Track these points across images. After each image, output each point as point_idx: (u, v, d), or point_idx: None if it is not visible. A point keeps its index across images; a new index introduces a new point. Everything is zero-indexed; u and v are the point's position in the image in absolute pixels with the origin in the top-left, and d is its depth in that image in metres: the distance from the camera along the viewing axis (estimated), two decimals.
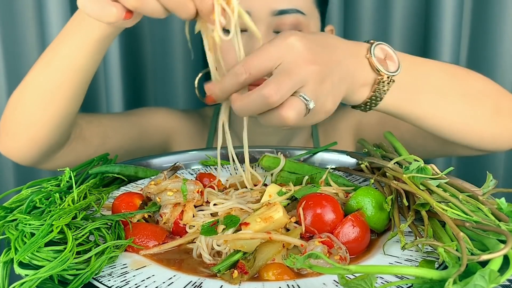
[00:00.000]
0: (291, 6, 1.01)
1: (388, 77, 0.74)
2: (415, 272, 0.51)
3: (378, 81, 0.74)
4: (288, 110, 0.65)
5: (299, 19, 1.02)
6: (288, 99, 0.65)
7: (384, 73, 0.74)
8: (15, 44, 1.36)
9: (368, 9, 1.43)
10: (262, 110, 0.66)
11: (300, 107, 0.66)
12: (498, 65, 1.37)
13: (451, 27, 1.31)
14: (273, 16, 1.00)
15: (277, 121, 0.66)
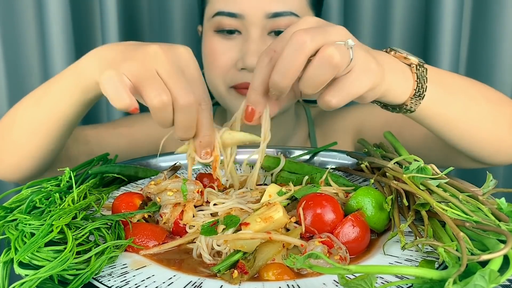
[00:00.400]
0: (285, 9, 1.01)
1: (418, 63, 0.74)
2: (415, 272, 0.51)
3: (413, 70, 0.73)
4: (329, 46, 0.61)
5: (294, 21, 1.01)
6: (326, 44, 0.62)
7: (414, 59, 0.74)
8: (15, 44, 1.36)
9: (368, 9, 1.43)
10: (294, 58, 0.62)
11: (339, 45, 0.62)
12: (498, 65, 1.37)
13: (451, 27, 1.31)
14: (267, 19, 1.00)
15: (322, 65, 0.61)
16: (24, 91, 1.39)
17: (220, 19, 1.02)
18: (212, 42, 1.05)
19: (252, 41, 1.00)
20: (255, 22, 1.00)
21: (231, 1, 1.01)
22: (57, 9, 1.27)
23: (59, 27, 1.28)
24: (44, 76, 1.38)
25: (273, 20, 1.00)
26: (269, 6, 1.00)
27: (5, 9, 1.34)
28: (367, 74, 0.65)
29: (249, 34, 1.01)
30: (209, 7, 1.06)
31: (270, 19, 1.00)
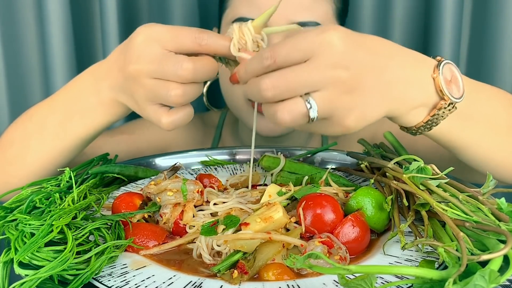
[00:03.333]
0: (311, 19, 0.98)
1: (451, 103, 0.65)
2: (415, 272, 0.51)
3: (440, 106, 0.65)
4: (283, 111, 0.59)
5: None
6: (291, 99, 0.59)
7: (449, 97, 0.65)
8: (15, 44, 1.36)
9: (368, 9, 1.43)
10: (259, 101, 0.62)
11: (298, 112, 0.59)
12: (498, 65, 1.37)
13: (451, 27, 1.31)
14: None
15: (271, 117, 0.61)
16: (24, 91, 1.39)
17: None
18: None
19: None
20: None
21: (254, 8, 0.98)
22: (57, 9, 1.27)
23: (59, 27, 1.28)
24: (44, 76, 1.37)
25: None
26: (294, 15, 0.97)
27: (5, 9, 1.34)
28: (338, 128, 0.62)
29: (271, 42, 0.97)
30: (229, 11, 1.03)
31: None
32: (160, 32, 0.67)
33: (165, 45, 0.66)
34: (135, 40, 0.68)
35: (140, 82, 0.67)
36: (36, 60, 1.39)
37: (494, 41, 1.36)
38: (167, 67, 0.65)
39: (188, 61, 0.65)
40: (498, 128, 0.77)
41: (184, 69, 0.65)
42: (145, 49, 0.67)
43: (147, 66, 0.66)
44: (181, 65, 0.65)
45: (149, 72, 0.66)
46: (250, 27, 0.68)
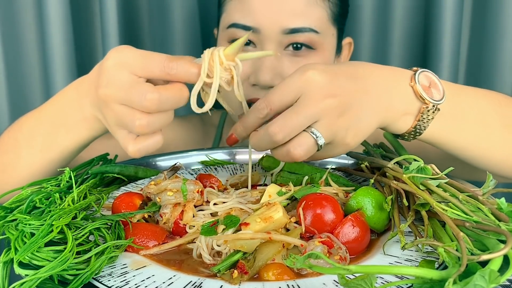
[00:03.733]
0: (304, 25, 0.97)
1: (433, 105, 0.71)
2: (415, 272, 0.51)
3: (423, 110, 0.71)
4: (295, 146, 0.65)
5: (312, 38, 0.98)
6: (298, 135, 0.65)
7: (430, 101, 0.70)
8: (15, 44, 1.36)
9: (368, 9, 1.43)
10: (271, 147, 0.67)
11: (308, 143, 0.65)
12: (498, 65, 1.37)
13: (451, 27, 1.31)
14: (284, 35, 0.97)
15: (286, 157, 0.67)
16: (24, 91, 1.39)
17: (234, 31, 1.00)
18: None
19: (267, 57, 0.97)
20: (271, 37, 0.97)
21: (247, 14, 0.98)
22: (57, 9, 1.27)
23: (59, 27, 1.28)
24: (44, 76, 1.37)
25: (290, 36, 0.97)
26: (287, 22, 0.97)
27: (5, 9, 1.34)
28: (340, 148, 0.70)
29: (264, 49, 0.98)
30: (224, 16, 1.03)
31: (287, 35, 0.97)
32: (130, 57, 0.66)
33: (134, 71, 0.65)
34: (105, 64, 0.67)
35: (109, 106, 0.67)
36: (36, 60, 1.39)
37: (494, 41, 1.36)
38: (133, 96, 0.64)
39: (153, 91, 0.63)
40: (491, 127, 0.79)
41: (148, 100, 0.63)
42: (114, 74, 0.66)
43: (115, 92, 0.66)
44: (145, 96, 0.63)
45: (117, 99, 0.66)
46: (221, 55, 0.66)
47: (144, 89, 0.64)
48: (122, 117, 0.66)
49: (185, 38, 1.42)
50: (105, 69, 0.67)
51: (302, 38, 0.98)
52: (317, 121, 0.65)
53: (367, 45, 1.45)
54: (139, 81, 0.65)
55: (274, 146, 0.67)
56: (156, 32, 1.44)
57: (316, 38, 0.99)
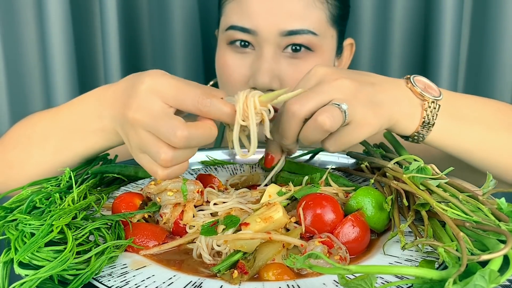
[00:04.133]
0: (302, 27, 0.97)
1: (433, 101, 0.74)
2: (415, 272, 0.51)
3: (425, 106, 0.74)
4: (321, 114, 0.67)
5: (311, 39, 0.98)
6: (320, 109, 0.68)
7: (428, 97, 0.74)
8: (15, 44, 1.36)
9: (368, 9, 1.43)
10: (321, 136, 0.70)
11: (332, 109, 0.67)
12: (498, 65, 1.37)
13: (451, 27, 1.31)
14: (282, 37, 0.97)
15: (314, 129, 0.68)
16: (24, 91, 1.39)
17: (233, 33, 1.00)
18: (225, 55, 1.03)
19: (265, 59, 0.97)
20: (268, 39, 0.97)
21: (245, 16, 0.98)
22: (57, 9, 1.27)
23: (59, 27, 1.28)
24: (44, 76, 1.37)
25: (288, 38, 0.97)
26: (285, 24, 0.97)
27: (5, 9, 1.34)
28: (364, 127, 0.71)
29: (262, 51, 0.98)
30: (223, 18, 1.04)
31: (285, 37, 0.97)
32: (165, 86, 0.65)
33: (167, 101, 0.65)
34: (139, 87, 0.66)
35: (135, 130, 0.66)
36: (36, 60, 1.39)
37: (494, 41, 1.36)
38: (162, 128, 0.64)
39: (183, 129, 0.63)
40: (495, 130, 0.81)
41: (177, 137, 0.63)
42: (145, 100, 0.65)
43: (144, 118, 0.65)
44: (175, 132, 0.63)
45: (145, 125, 0.65)
46: (257, 101, 0.67)
47: (174, 125, 0.63)
48: (147, 145, 0.65)
49: (185, 38, 1.42)
50: (138, 93, 0.66)
51: (300, 40, 0.98)
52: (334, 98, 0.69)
53: (367, 45, 1.45)
54: (169, 112, 0.65)
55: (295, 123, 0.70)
56: (156, 32, 1.44)
57: (314, 40, 0.99)
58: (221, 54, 1.05)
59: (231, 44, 1.02)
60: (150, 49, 1.47)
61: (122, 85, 0.73)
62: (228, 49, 1.03)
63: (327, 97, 0.68)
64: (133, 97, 0.66)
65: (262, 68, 0.97)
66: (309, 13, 0.98)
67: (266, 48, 0.98)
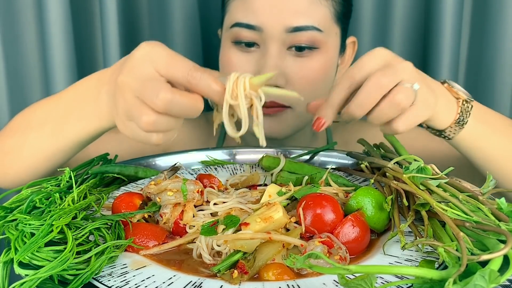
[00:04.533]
0: (307, 23, 0.97)
1: (467, 100, 0.80)
2: (415, 272, 0.51)
3: (459, 104, 0.80)
4: (398, 93, 0.69)
5: (316, 36, 0.98)
6: (396, 87, 0.70)
7: (463, 95, 0.80)
8: (15, 44, 1.36)
9: (368, 9, 1.43)
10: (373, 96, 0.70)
11: (407, 89, 0.70)
12: (498, 65, 1.37)
13: (451, 27, 1.31)
14: (287, 33, 0.97)
15: (390, 107, 0.70)
16: (24, 91, 1.39)
17: (238, 31, 0.99)
18: (230, 53, 1.02)
19: (270, 56, 0.97)
20: (274, 36, 0.97)
21: (250, 13, 0.98)
22: (57, 9, 1.27)
23: (59, 27, 1.28)
24: (44, 76, 1.37)
25: (293, 34, 0.97)
26: (290, 20, 0.97)
27: (5, 9, 1.34)
28: (427, 108, 0.74)
29: (267, 49, 0.98)
30: (228, 16, 1.03)
31: (290, 34, 0.97)
32: (159, 54, 0.65)
33: (158, 68, 0.65)
34: (134, 53, 0.67)
35: (123, 94, 0.66)
36: (36, 60, 1.39)
37: (494, 41, 1.36)
38: (147, 90, 0.63)
39: (167, 92, 0.62)
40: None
41: (159, 98, 0.62)
42: (138, 65, 0.65)
43: (132, 81, 0.65)
44: (158, 93, 0.62)
45: (133, 88, 0.65)
46: (247, 82, 0.65)
47: (159, 87, 0.63)
48: (132, 108, 0.65)
49: (185, 38, 1.42)
50: (132, 58, 0.66)
51: (305, 36, 0.98)
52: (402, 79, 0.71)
53: (368, 44, 1.44)
54: (158, 78, 0.64)
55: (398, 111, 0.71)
56: (156, 32, 1.44)
57: (319, 37, 0.99)
58: (225, 52, 1.04)
59: (236, 43, 1.02)
60: None
61: (120, 61, 0.73)
62: (232, 47, 1.02)
63: (399, 77, 0.70)
64: (127, 62, 0.67)
65: (268, 64, 0.97)
66: (314, 9, 0.99)
67: (272, 45, 0.98)
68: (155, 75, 0.64)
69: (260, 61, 0.99)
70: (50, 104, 0.86)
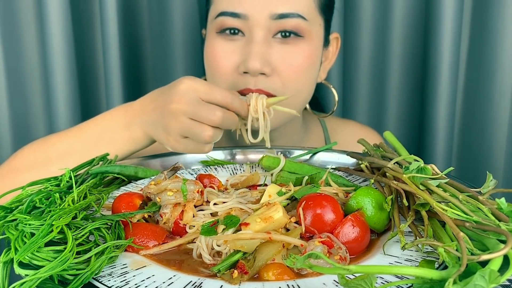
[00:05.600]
0: (292, 10, 0.98)
1: None
2: (415, 272, 0.51)
3: None
4: None
5: (300, 24, 0.99)
6: None
7: None
8: (15, 44, 1.36)
9: (368, 9, 1.43)
10: None
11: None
12: (498, 65, 1.37)
13: (451, 27, 1.31)
14: (272, 20, 0.97)
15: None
16: (24, 91, 1.39)
17: (223, 20, 1.00)
18: (214, 43, 1.02)
19: (255, 43, 0.97)
20: (259, 23, 0.97)
21: (235, 1, 0.99)
22: (57, 9, 1.27)
23: (59, 27, 1.28)
24: (44, 76, 1.37)
25: (278, 21, 0.98)
26: (275, 7, 0.97)
27: (5, 9, 1.34)
28: None
29: (253, 36, 0.98)
30: (212, 8, 1.04)
31: (275, 21, 0.97)
32: (199, 84, 0.85)
33: (201, 96, 0.83)
34: (179, 86, 0.84)
35: (177, 118, 0.83)
36: (36, 60, 1.39)
37: (494, 42, 1.36)
38: (202, 112, 0.82)
39: (220, 110, 0.83)
40: None
41: (216, 116, 0.82)
42: (185, 94, 0.83)
43: (186, 107, 0.83)
44: (214, 112, 0.82)
45: (187, 112, 0.82)
46: (264, 101, 0.91)
47: (213, 107, 0.83)
48: (190, 128, 0.83)
49: (185, 38, 1.42)
50: (178, 90, 0.84)
51: (290, 24, 0.98)
52: None
53: (367, 44, 1.45)
54: (204, 102, 0.83)
55: None
56: (156, 32, 1.44)
57: (304, 25, 1.00)
58: (209, 43, 1.04)
59: (220, 33, 1.02)
60: (150, 48, 1.47)
61: (151, 95, 0.90)
62: (217, 38, 1.02)
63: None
64: (174, 93, 0.84)
65: (253, 52, 0.97)
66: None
67: (257, 32, 0.98)
68: (200, 100, 0.83)
69: (246, 48, 0.98)
70: (73, 137, 0.94)
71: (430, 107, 1.39)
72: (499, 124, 1.40)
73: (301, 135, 1.18)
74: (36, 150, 0.94)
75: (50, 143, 0.94)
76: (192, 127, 0.83)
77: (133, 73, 1.45)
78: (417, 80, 1.45)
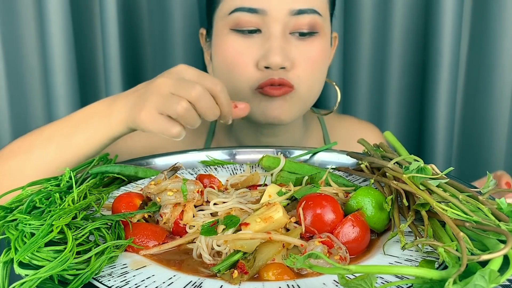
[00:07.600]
0: (309, 6, 0.99)
1: None
2: (415, 272, 0.51)
3: None
4: None
5: (316, 19, 1.00)
6: None
7: None
8: (15, 44, 1.36)
9: (368, 9, 1.43)
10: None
11: None
12: (498, 65, 1.37)
13: (451, 27, 1.31)
14: (290, 16, 0.98)
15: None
16: (24, 91, 1.39)
17: (239, 16, 0.98)
18: (228, 41, 1.00)
19: (276, 38, 0.97)
20: (278, 19, 0.97)
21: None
22: (57, 9, 1.27)
23: (59, 27, 1.28)
24: (44, 76, 1.37)
25: (296, 17, 0.98)
26: (293, 3, 0.98)
27: (5, 9, 1.34)
28: None
29: (271, 32, 0.98)
30: (224, 4, 1.02)
31: (293, 17, 0.98)
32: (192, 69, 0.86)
33: (192, 78, 0.85)
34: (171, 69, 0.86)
35: (160, 91, 0.82)
36: (36, 60, 1.39)
37: (494, 42, 1.36)
38: (183, 84, 0.82)
39: (200, 86, 0.82)
40: None
41: (195, 89, 0.81)
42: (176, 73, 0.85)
43: (170, 80, 0.83)
44: (194, 85, 0.81)
45: (169, 86, 0.82)
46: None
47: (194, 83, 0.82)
48: (167, 100, 0.81)
49: (185, 38, 1.42)
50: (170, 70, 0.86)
51: (307, 19, 0.99)
52: None
53: (367, 44, 1.45)
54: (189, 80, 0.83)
55: None
56: (156, 32, 1.44)
57: (319, 20, 1.01)
58: (223, 41, 1.02)
59: (235, 30, 1.00)
60: (150, 48, 1.47)
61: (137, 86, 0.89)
62: (232, 35, 1.00)
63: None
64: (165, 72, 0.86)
65: (273, 47, 0.97)
66: None
67: (276, 27, 0.98)
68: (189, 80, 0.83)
69: (265, 44, 0.98)
70: (55, 125, 0.92)
71: (430, 107, 1.39)
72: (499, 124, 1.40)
73: (302, 132, 1.18)
74: (26, 137, 0.93)
75: (39, 131, 0.93)
76: (169, 98, 0.81)
77: (133, 73, 1.45)
78: (417, 80, 1.45)
